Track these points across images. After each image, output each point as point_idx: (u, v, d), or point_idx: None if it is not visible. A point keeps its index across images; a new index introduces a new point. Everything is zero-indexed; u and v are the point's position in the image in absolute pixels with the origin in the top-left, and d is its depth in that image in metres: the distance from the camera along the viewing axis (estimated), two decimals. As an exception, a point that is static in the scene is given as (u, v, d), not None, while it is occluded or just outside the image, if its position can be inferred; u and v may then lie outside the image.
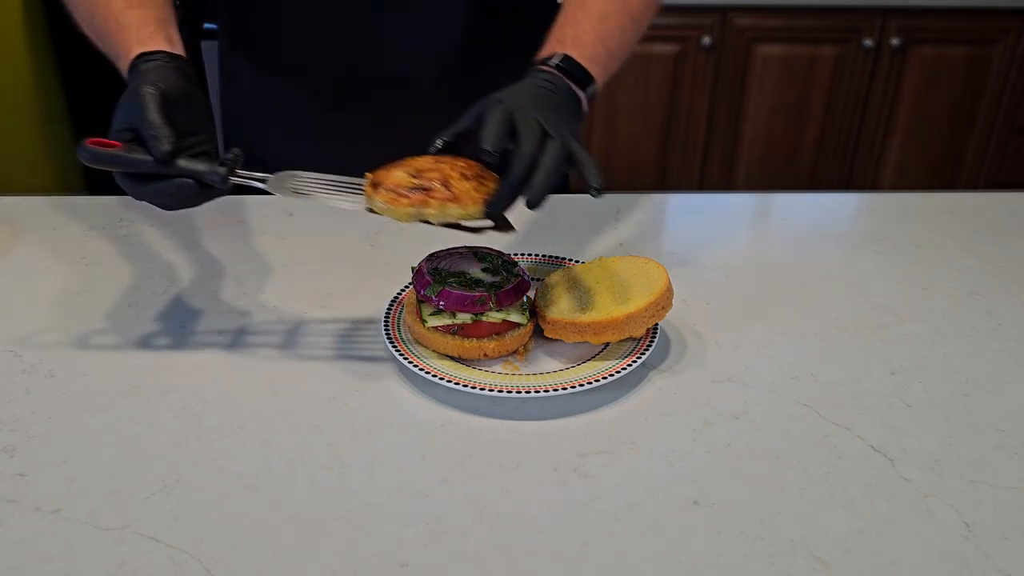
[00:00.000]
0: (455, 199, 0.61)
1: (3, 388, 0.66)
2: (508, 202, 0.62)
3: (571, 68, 0.72)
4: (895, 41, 2.21)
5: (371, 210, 0.64)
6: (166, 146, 0.59)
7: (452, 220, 0.62)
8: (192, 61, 0.69)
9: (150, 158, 0.60)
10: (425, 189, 0.61)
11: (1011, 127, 2.35)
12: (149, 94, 0.61)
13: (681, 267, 0.86)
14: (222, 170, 0.61)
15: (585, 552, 0.51)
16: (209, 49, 2.28)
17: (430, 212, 0.61)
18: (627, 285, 0.70)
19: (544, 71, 0.72)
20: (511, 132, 0.63)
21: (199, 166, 0.61)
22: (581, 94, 0.73)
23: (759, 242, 0.95)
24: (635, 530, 0.53)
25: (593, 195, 0.63)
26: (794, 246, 0.92)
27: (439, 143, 0.66)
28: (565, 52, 0.73)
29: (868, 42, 2.21)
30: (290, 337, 0.73)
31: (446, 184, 0.61)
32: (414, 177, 0.62)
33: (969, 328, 0.76)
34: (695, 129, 2.35)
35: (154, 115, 0.60)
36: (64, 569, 0.49)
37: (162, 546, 0.51)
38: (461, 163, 0.64)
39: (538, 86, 0.70)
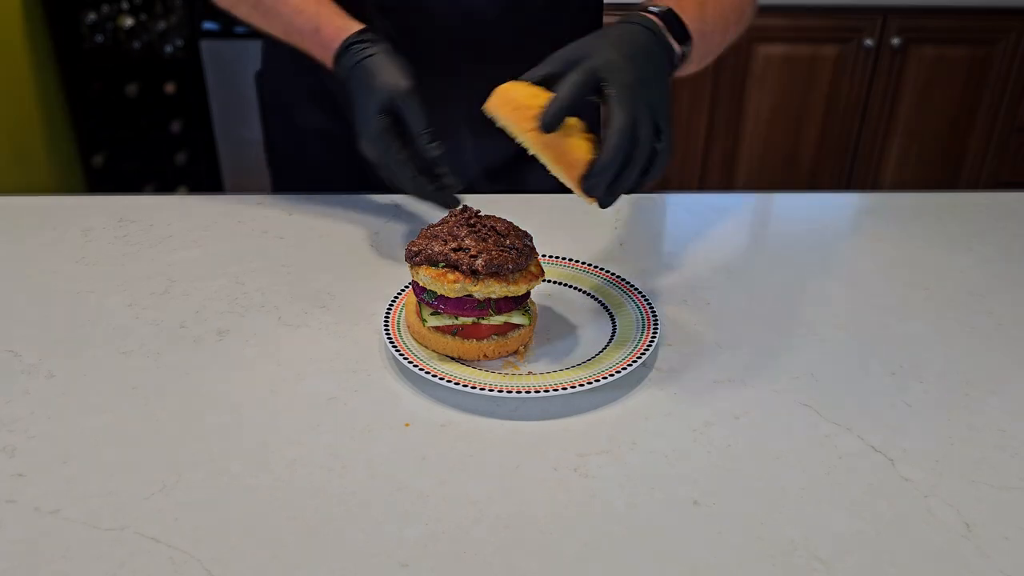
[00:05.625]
0: (496, 279, 0.66)
1: (3, 388, 0.66)
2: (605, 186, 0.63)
3: (673, 20, 0.70)
4: (895, 41, 2.21)
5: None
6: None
7: (495, 296, 0.66)
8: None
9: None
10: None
11: (1011, 127, 2.35)
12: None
13: (681, 267, 0.86)
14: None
15: (585, 552, 0.51)
16: (209, 48, 2.28)
17: (475, 289, 0.65)
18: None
19: (644, 17, 0.70)
20: (595, 91, 0.63)
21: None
22: (678, 48, 0.71)
23: (759, 242, 0.95)
24: (635, 530, 0.53)
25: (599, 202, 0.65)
26: (794, 246, 0.92)
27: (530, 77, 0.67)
28: (668, 6, 0.72)
29: (868, 42, 2.21)
30: (290, 337, 0.73)
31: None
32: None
33: (969, 328, 0.76)
34: (695, 129, 2.35)
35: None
36: (64, 569, 0.49)
37: (162, 546, 0.51)
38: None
39: (635, 37, 0.67)
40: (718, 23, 0.79)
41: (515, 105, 0.63)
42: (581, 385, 0.63)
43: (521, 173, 1.01)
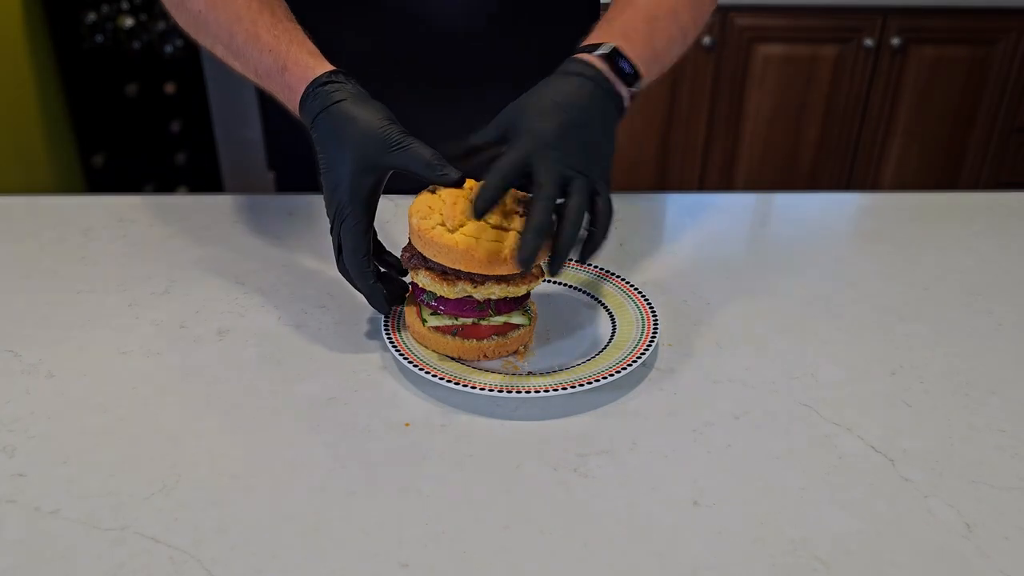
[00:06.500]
0: (496, 281, 0.65)
1: (3, 388, 0.66)
2: (534, 253, 0.60)
3: (619, 62, 0.67)
4: (895, 41, 2.21)
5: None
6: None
7: (495, 297, 0.66)
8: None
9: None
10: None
11: (1011, 127, 2.35)
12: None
13: (681, 267, 0.86)
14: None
15: (585, 552, 0.51)
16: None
17: (475, 291, 0.65)
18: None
19: (587, 63, 0.66)
20: (523, 177, 0.62)
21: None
22: (625, 92, 0.68)
23: (759, 242, 0.95)
24: (635, 530, 0.53)
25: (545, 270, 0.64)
26: (794, 246, 0.92)
27: (471, 142, 0.66)
28: (614, 44, 0.67)
29: (868, 42, 2.21)
30: (290, 337, 0.73)
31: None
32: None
33: (969, 328, 0.76)
34: (695, 129, 2.35)
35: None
36: (64, 569, 0.49)
37: (162, 546, 0.51)
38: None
39: (574, 99, 0.64)
40: (675, 34, 0.76)
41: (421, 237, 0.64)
42: (581, 385, 0.63)
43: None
